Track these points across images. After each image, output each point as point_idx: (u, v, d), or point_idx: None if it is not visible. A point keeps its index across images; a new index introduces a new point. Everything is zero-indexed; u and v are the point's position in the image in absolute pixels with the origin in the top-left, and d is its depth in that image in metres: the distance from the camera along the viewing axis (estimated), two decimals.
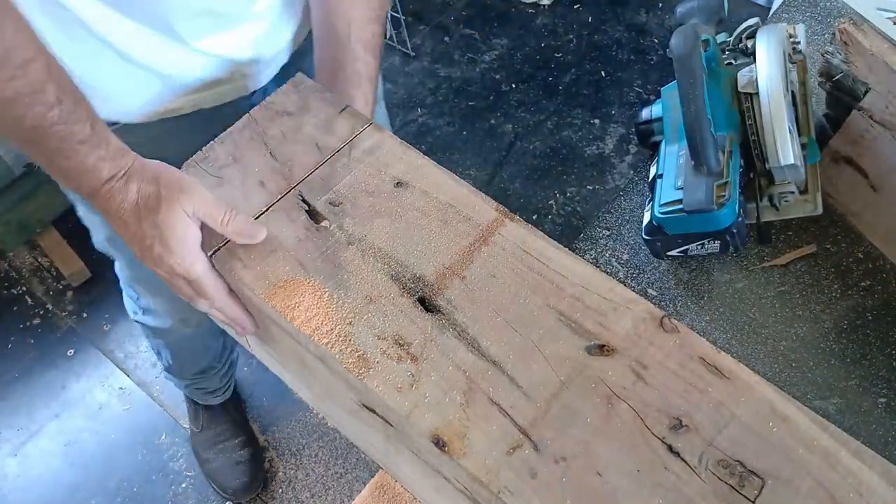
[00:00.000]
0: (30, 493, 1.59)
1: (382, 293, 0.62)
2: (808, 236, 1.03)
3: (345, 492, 1.58)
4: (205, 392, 1.52)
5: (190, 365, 1.41)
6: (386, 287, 0.63)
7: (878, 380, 0.91)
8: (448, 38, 2.40)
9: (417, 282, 0.63)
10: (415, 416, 0.57)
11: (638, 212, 1.06)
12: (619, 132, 2.14)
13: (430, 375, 0.58)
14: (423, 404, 0.57)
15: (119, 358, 1.77)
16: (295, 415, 1.68)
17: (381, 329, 0.60)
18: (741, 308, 0.97)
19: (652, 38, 2.38)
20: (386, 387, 0.58)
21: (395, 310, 0.61)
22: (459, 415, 0.56)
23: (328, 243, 0.65)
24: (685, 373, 0.58)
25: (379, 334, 0.60)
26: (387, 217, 0.67)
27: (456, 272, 0.63)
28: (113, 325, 1.80)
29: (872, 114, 0.97)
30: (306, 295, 0.62)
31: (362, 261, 0.64)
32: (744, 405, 0.57)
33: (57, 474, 1.62)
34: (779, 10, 1.31)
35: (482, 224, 0.66)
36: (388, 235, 0.65)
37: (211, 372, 1.45)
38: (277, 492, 1.59)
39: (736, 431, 0.56)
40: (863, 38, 0.95)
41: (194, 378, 1.45)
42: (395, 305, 0.62)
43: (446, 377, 0.58)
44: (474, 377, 0.58)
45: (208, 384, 1.49)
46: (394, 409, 0.57)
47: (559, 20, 2.44)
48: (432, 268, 0.64)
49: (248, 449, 1.58)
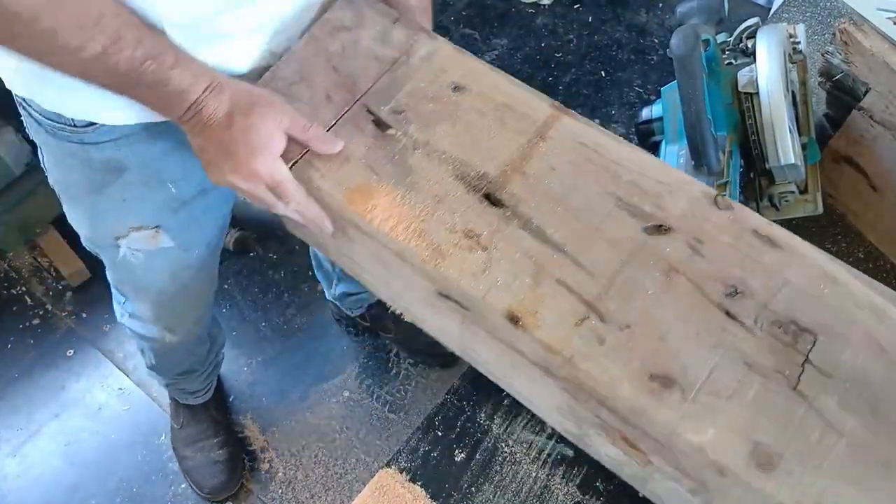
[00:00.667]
0: (30, 494, 1.59)
1: (450, 192, 0.66)
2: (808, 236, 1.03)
3: (345, 492, 1.58)
4: (186, 392, 1.52)
5: (172, 367, 1.41)
6: (453, 186, 0.67)
7: None
8: (448, 38, 2.39)
9: (482, 179, 0.67)
10: (489, 297, 0.61)
11: None
12: (619, 132, 2.14)
13: (500, 262, 0.63)
14: (495, 287, 0.62)
15: (119, 358, 1.76)
16: (295, 415, 1.68)
17: (451, 224, 0.65)
18: None
19: (652, 38, 2.38)
20: (460, 273, 0.63)
21: (463, 206, 0.66)
22: (529, 294, 0.61)
23: (396, 149, 0.69)
24: (739, 245, 0.62)
25: (450, 229, 0.65)
26: (448, 121, 0.70)
27: (517, 168, 0.67)
28: (113, 325, 1.80)
29: (872, 114, 0.97)
30: (381, 198, 0.66)
31: (428, 163, 0.68)
32: (796, 271, 0.61)
33: (57, 474, 1.62)
34: (779, 10, 1.31)
35: (538, 120, 0.69)
36: (451, 138, 0.69)
37: (193, 374, 1.44)
38: (277, 492, 1.59)
39: (789, 294, 0.60)
40: (863, 38, 0.95)
41: (176, 378, 1.45)
42: (462, 202, 0.66)
43: (515, 262, 0.63)
44: (541, 261, 0.62)
45: (189, 385, 1.48)
46: (469, 293, 0.62)
47: (559, 20, 2.44)
48: (494, 165, 0.67)
49: (226, 449, 1.58)
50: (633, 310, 0.60)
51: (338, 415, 1.68)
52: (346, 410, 1.68)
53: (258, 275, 1.88)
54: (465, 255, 0.63)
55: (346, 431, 1.66)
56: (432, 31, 0.80)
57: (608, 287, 0.61)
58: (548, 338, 0.60)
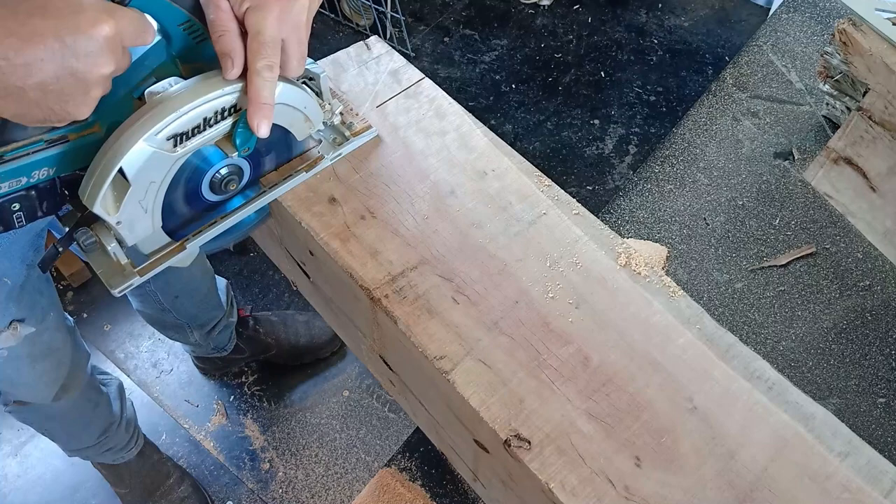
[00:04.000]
0: (30, 494, 1.59)
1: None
2: (807, 236, 1.03)
3: (345, 492, 1.58)
4: (117, 450, 1.42)
5: (88, 429, 1.31)
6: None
7: (877, 380, 0.91)
8: (448, 39, 2.40)
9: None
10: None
11: (638, 212, 1.06)
12: (618, 132, 2.14)
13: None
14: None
15: (119, 358, 1.77)
16: (295, 415, 1.68)
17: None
18: (740, 308, 0.97)
19: (651, 38, 2.38)
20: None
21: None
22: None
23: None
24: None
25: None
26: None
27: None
28: (113, 325, 1.80)
29: (872, 114, 0.97)
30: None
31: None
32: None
33: (57, 474, 1.62)
34: (778, 10, 1.31)
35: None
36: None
37: (112, 428, 1.35)
38: (277, 492, 1.59)
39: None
40: (862, 38, 0.95)
41: (99, 441, 1.35)
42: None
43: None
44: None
45: (116, 441, 1.39)
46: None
47: (559, 21, 2.44)
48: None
49: (186, 483, 1.53)
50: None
51: (338, 415, 1.68)
52: (346, 410, 1.69)
53: (258, 275, 1.88)
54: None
55: (346, 431, 1.66)
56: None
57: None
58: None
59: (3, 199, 0.56)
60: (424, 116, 0.76)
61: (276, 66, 0.58)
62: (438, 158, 0.73)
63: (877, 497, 0.54)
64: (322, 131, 0.73)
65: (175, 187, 0.62)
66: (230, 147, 0.61)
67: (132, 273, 0.64)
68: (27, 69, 0.47)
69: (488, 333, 0.61)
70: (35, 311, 0.95)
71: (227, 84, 0.58)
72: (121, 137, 0.55)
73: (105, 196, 0.57)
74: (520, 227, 0.68)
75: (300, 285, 0.86)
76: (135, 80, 0.59)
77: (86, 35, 0.48)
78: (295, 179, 0.70)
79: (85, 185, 0.57)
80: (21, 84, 0.47)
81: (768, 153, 1.17)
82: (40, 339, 1.00)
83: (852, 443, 0.56)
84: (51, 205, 0.59)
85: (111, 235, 0.62)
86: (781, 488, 0.54)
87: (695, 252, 1.07)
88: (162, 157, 0.57)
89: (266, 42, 0.57)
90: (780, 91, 1.24)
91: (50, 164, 0.57)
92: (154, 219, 0.62)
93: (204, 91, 0.57)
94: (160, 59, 0.59)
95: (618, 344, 0.61)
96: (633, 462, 0.55)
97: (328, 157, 0.72)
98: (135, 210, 0.59)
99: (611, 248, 0.67)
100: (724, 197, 1.13)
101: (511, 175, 0.72)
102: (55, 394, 1.12)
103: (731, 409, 0.58)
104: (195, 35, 0.59)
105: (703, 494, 0.54)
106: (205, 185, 0.64)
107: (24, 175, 0.56)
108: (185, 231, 0.66)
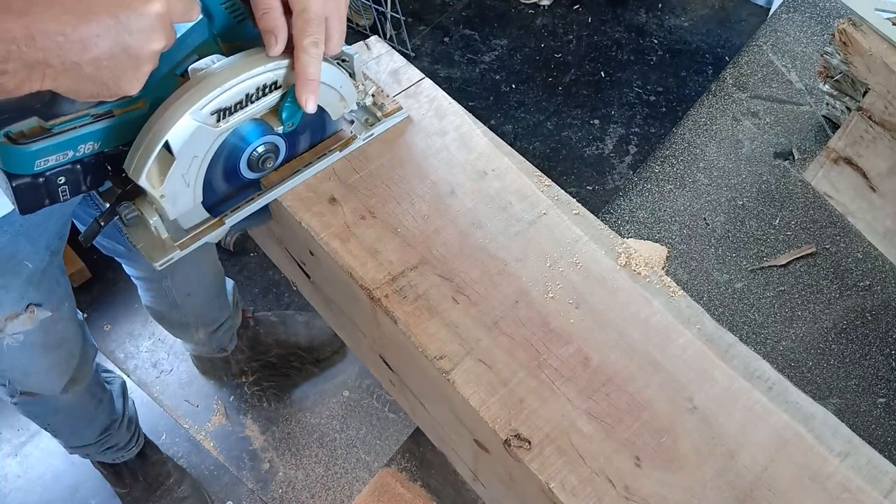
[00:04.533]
0: (30, 494, 1.59)
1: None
2: (807, 236, 1.03)
3: (345, 492, 1.58)
4: (117, 449, 1.43)
5: (91, 426, 1.32)
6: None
7: (877, 380, 0.91)
8: (448, 39, 2.40)
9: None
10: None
11: (638, 212, 1.06)
12: (618, 132, 2.14)
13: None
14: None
15: (119, 358, 1.77)
16: (295, 415, 1.68)
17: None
18: (740, 308, 0.97)
19: (651, 38, 2.38)
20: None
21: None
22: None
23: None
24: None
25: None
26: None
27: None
28: (113, 325, 1.80)
29: (872, 114, 0.97)
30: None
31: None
32: None
33: (57, 474, 1.62)
34: (778, 10, 1.31)
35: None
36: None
37: (114, 426, 1.36)
38: (277, 492, 1.59)
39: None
40: (862, 38, 0.95)
41: (100, 439, 1.36)
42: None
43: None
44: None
45: (117, 440, 1.40)
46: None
47: (559, 21, 2.44)
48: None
49: (186, 483, 1.53)
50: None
51: (338, 415, 1.68)
52: (346, 410, 1.69)
53: (258, 275, 1.88)
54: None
55: (346, 431, 1.66)
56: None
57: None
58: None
59: (51, 172, 0.57)
60: (424, 116, 0.76)
61: (321, 42, 0.60)
62: (438, 158, 0.73)
63: (877, 497, 0.54)
64: (354, 112, 0.74)
65: (215, 164, 0.63)
66: (276, 121, 0.63)
67: (173, 247, 0.65)
68: (83, 45, 0.47)
69: (488, 333, 0.61)
70: (52, 298, 0.96)
71: (270, 61, 0.59)
72: (167, 112, 0.56)
73: (150, 169, 0.58)
74: (520, 227, 0.68)
75: (300, 285, 0.86)
76: (178, 58, 0.59)
77: (138, 12, 0.49)
78: (329, 158, 0.71)
79: (130, 159, 0.58)
80: (77, 59, 0.48)
81: (768, 153, 1.17)
82: (54, 328, 1.00)
83: (852, 443, 0.56)
84: (94, 179, 0.60)
85: (153, 210, 0.63)
86: (781, 488, 0.54)
87: (695, 252, 1.07)
88: (206, 132, 0.58)
89: (312, 19, 0.59)
90: (780, 91, 1.24)
91: (95, 139, 0.58)
92: (196, 193, 0.63)
93: (247, 67, 0.58)
94: (202, 37, 0.60)
95: (618, 344, 0.61)
96: (633, 462, 0.55)
97: (360, 137, 0.73)
98: (178, 184, 0.61)
99: (611, 248, 0.67)
100: (724, 197, 1.13)
101: (511, 175, 0.72)
102: (64, 385, 1.12)
103: (731, 409, 0.58)
104: (236, 14, 0.60)
105: (703, 494, 0.54)
106: (243, 161, 0.66)
107: (71, 149, 0.56)
108: (223, 207, 0.68)
